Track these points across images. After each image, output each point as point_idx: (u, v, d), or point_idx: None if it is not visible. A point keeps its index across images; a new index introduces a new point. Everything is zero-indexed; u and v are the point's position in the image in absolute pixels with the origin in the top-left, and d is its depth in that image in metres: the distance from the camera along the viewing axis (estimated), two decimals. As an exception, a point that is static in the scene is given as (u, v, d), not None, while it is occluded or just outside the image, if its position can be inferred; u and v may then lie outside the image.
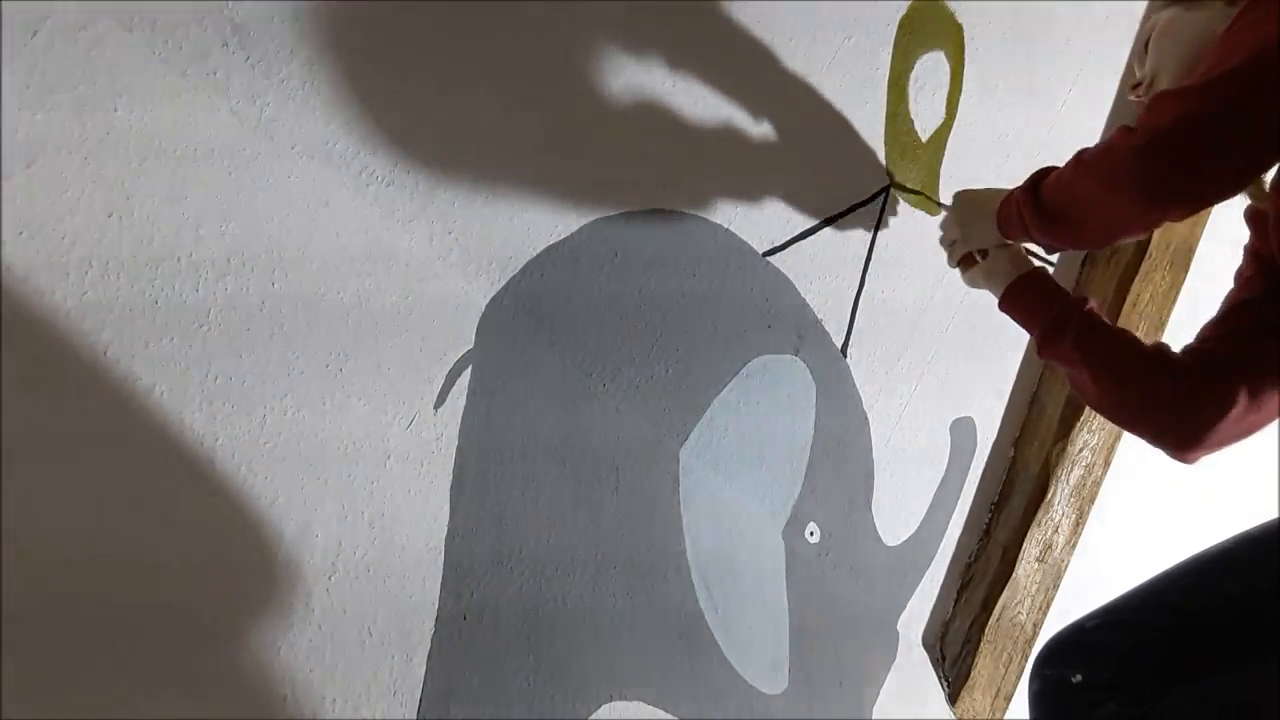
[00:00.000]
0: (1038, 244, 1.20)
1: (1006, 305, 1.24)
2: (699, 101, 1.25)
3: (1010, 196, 1.19)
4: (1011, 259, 1.25)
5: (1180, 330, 1.89)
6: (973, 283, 1.33)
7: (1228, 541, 1.08)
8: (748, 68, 1.28)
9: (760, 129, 1.31)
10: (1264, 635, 1.00)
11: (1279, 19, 0.88)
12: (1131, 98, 1.27)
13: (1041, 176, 1.15)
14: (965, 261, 1.33)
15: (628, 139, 1.20)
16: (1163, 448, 1.09)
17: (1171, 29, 1.16)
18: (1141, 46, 1.23)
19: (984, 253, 1.30)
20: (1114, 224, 1.07)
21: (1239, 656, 1.02)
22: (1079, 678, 1.08)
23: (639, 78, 1.19)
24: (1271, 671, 0.99)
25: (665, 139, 1.23)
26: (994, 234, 1.24)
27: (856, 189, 1.44)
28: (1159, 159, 0.94)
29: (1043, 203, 1.12)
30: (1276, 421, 1.06)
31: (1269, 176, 1.07)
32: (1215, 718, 1.02)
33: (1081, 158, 1.07)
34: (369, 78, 0.99)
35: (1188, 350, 1.08)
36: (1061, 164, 1.11)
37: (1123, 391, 1.09)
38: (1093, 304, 1.17)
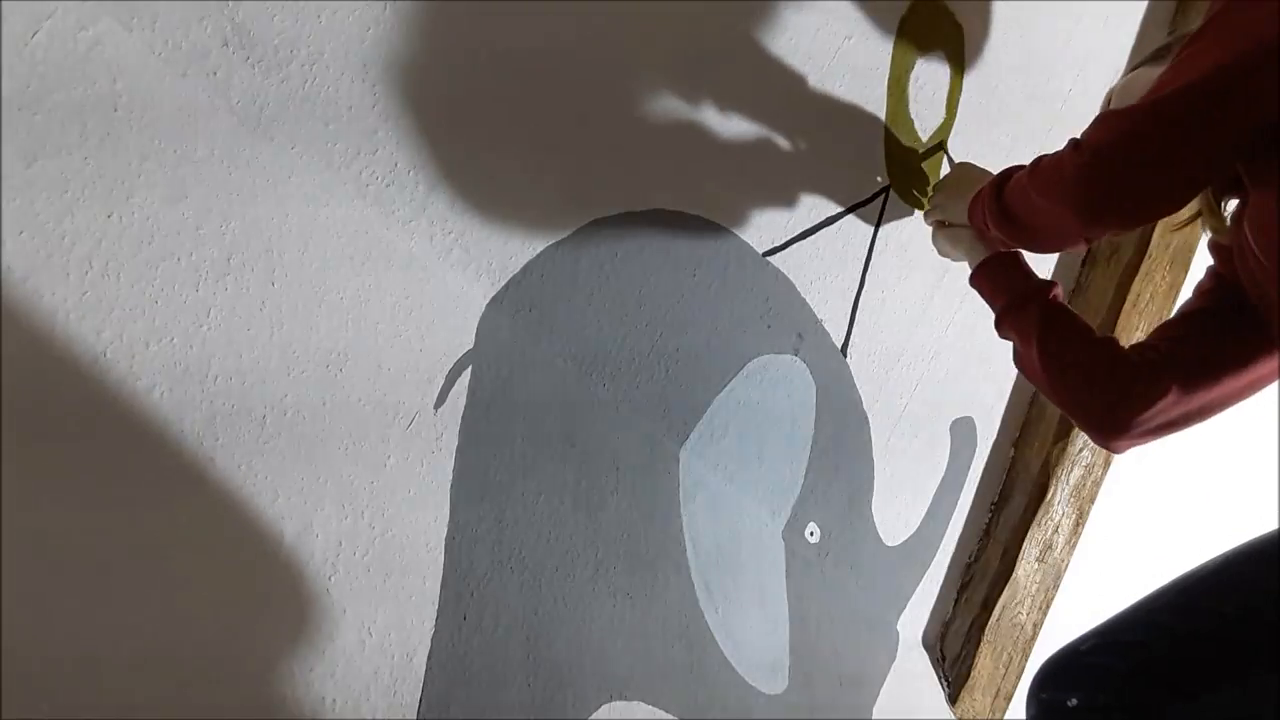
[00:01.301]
0: (997, 239, 1.23)
1: (978, 277, 1.28)
2: (699, 101, 1.25)
3: (983, 189, 1.23)
4: (977, 235, 1.29)
5: (1180, 330, 1.89)
6: (939, 247, 1.38)
7: (1219, 558, 1.09)
8: (748, 68, 1.28)
9: (760, 129, 1.31)
10: (1259, 652, 1.01)
11: (1218, 50, 0.91)
12: None
13: (1008, 176, 1.18)
14: (938, 224, 1.38)
15: (628, 139, 1.20)
16: (1091, 432, 1.16)
17: (1134, 81, 1.21)
18: (1106, 104, 1.27)
19: None
20: (1057, 234, 1.12)
21: (1234, 674, 1.03)
22: (1075, 701, 1.09)
23: (639, 78, 1.19)
24: (1266, 687, 1.00)
25: (665, 139, 1.23)
26: (965, 214, 1.28)
27: (856, 189, 1.44)
28: (1098, 177, 0.98)
29: (1003, 203, 1.16)
30: (1212, 419, 1.12)
31: (1228, 211, 1.11)
32: None
33: (1036, 167, 1.10)
34: (369, 78, 0.99)
35: (1134, 346, 1.14)
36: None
37: (1063, 373, 1.15)
38: (1058, 290, 1.22)
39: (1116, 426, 1.11)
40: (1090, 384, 1.12)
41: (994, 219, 1.18)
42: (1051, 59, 1.65)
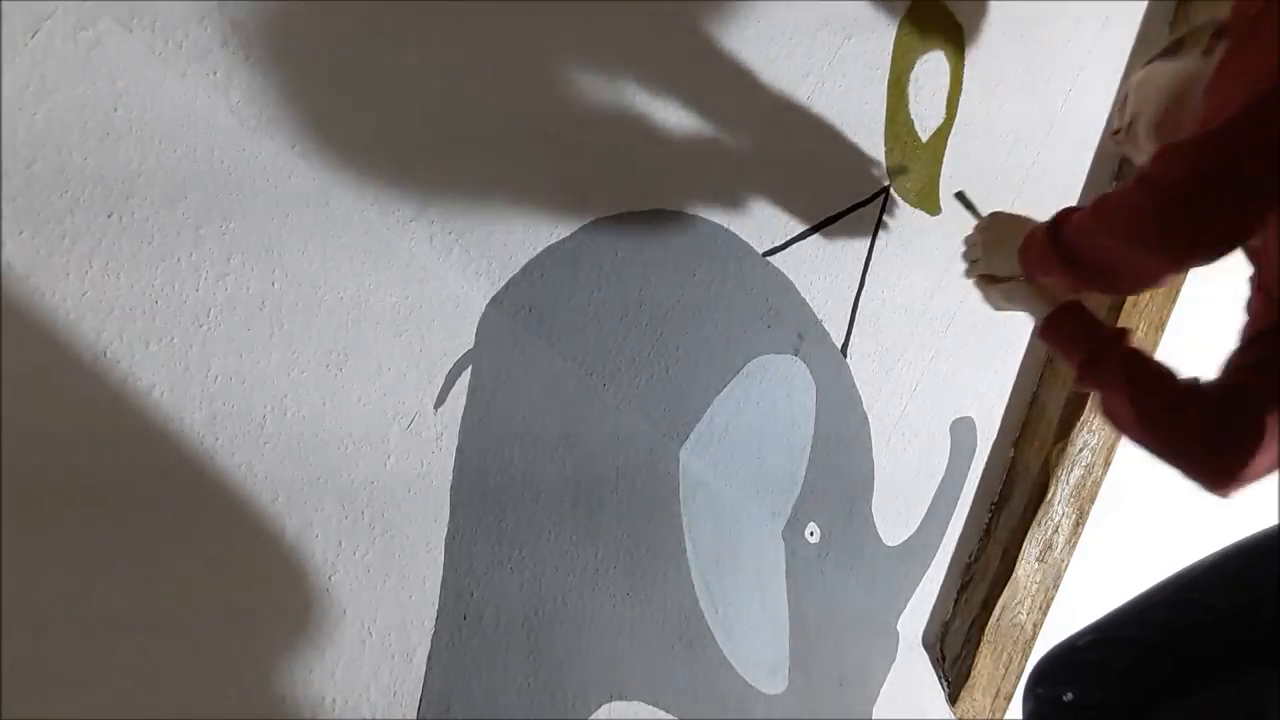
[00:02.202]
0: (1062, 286, 1.19)
1: (1047, 334, 1.24)
2: (699, 101, 1.25)
3: (1033, 236, 1.19)
4: (1032, 286, 1.25)
5: (1180, 330, 1.89)
6: (992, 303, 1.34)
7: (1216, 554, 1.08)
8: (748, 68, 1.28)
9: (760, 129, 1.31)
10: (1255, 648, 1.01)
11: (1266, 64, 0.90)
12: (1112, 142, 1.31)
13: (1063, 219, 1.14)
14: (984, 279, 1.33)
15: (628, 139, 1.20)
16: (1198, 480, 1.09)
17: (1151, 76, 1.20)
18: (1122, 99, 1.26)
19: None
20: (1143, 275, 1.08)
21: (1231, 671, 1.02)
22: (1070, 696, 1.09)
23: (639, 78, 1.19)
24: (1261, 684, 1.00)
25: (665, 139, 1.23)
26: (1015, 266, 1.24)
27: (856, 189, 1.44)
28: (1178, 215, 0.96)
29: (1067, 248, 1.12)
30: None
31: None
32: None
33: (1103, 207, 1.07)
34: (370, 78, 0.99)
35: (1217, 383, 1.08)
36: (1080, 201, 1.11)
37: (1155, 422, 1.10)
38: (1132, 336, 1.17)
39: (1225, 475, 1.06)
40: (1188, 436, 1.07)
41: (1059, 266, 1.14)
42: (1051, 59, 1.65)
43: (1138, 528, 2.05)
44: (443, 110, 1.05)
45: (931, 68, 1.47)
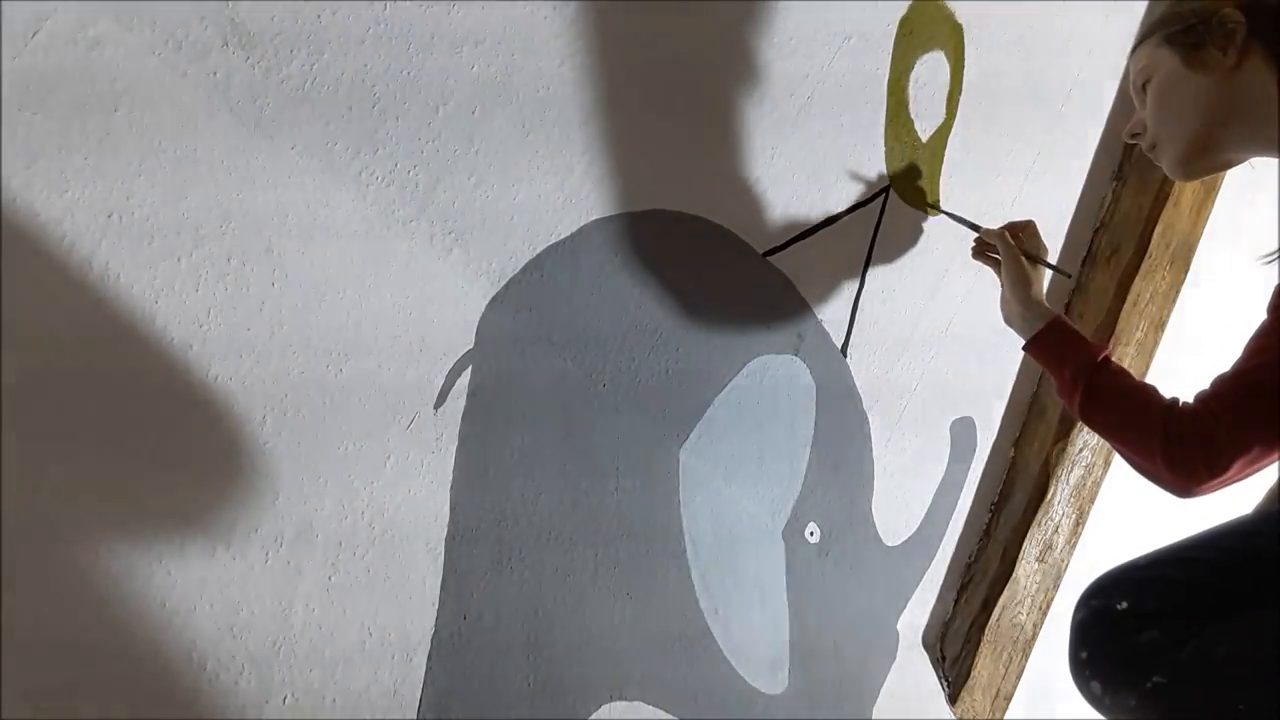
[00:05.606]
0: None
1: (1034, 350, 1.32)
2: (699, 101, 1.25)
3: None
4: (1035, 308, 1.34)
5: (1180, 330, 1.89)
6: (1005, 315, 1.41)
7: (1259, 510, 1.12)
8: (748, 68, 1.28)
9: (760, 129, 1.31)
10: None
11: None
12: (1128, 140, 1.30)
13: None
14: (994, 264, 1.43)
15: (628, 139, 1.20)
16: (1165, 490, 1.19)
17: (1173, 92, 1.17)
18: (1140, 86, 1.23)
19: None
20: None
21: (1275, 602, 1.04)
22: (1125, 605, 1.11)
23: (639, 77, 1.19)
24: None
25: (665, 139, 1.23)
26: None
27: (856, 189, 1.44)
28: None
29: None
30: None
31: None
32: (1257, 648, 1.02)
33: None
34: (369, 78, 0.99)
35: (1200, 401, 1.13)
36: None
37: (1126, 439, 1.19)
38: (1108, 351, 1.24)
39: (1186, 493, 1.15)
40: (1155, 457, 1.14)
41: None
42: (1051, 59, 1.65)
43: (1138, 528, 2.05)
44: (442, 109, 1.05)
45: (931, 68, 1.47)
